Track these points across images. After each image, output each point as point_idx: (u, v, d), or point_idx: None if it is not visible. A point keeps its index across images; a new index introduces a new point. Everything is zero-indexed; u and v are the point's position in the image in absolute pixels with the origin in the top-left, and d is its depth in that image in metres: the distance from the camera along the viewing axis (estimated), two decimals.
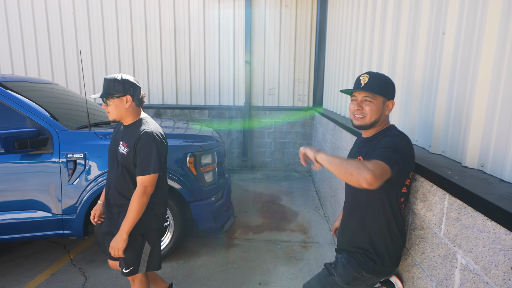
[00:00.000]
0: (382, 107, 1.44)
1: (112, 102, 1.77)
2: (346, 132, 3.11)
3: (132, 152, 1.76)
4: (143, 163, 1.73)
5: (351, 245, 1.54)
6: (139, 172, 1.74)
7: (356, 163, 1.17)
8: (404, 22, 2.13)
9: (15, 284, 2.65)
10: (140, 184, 1.72)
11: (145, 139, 1.74)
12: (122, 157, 1.79)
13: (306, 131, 6.23)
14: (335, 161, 1.23)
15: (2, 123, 2.64)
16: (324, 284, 1.55)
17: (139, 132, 1.77)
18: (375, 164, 1.17)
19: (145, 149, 1.73)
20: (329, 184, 3.93)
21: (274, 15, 6.00)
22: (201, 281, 2.72)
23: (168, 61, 6.22)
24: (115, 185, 1.85)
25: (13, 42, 6.36)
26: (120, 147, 1.82)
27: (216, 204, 3.07)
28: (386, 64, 2.44)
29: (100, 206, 2.02)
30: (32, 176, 2.64)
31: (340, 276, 1.49)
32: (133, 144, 1.75)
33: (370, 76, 1.44)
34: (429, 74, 1.79)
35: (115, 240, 1.74)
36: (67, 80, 6.44)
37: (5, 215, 2.64)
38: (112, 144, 1.91)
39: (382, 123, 1.49)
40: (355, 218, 1.54)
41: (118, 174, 1.83)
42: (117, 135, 1.91)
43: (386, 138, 1.36)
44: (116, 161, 1.85)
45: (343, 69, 4.08)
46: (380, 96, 1.42)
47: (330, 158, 1.25)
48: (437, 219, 1.36)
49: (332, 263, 1.57)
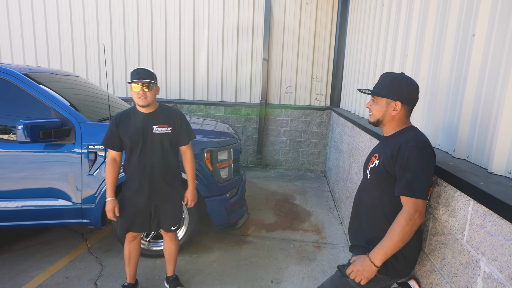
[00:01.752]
0: (386, 108, 1.48)
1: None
2: (364, 133, 3.06)
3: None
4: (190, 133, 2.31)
5: (365, 243, 1.53)
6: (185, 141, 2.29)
7: (402, 223, 1.30)
8: (431, 22, 2.08)
9: (36, 269, 2.74)
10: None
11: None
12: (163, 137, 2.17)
13: (322, 130, 6.18)
14: (392, 243, 1.32)
15: (27, 112, 2.73)
16: (337, 286, 1.54)
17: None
18: (411, 207, 1.30)
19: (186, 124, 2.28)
20: (345, 185, 3.89)
21: (294, 12, 5.96)
22: (214, 276, 2.75)
23: (186, 56, 6.28)
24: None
25: (38, 34, 6.56)
26: (159, 129, 2.13)
27: (231, 201, 3.09)
28: (409, 65, 2.39)
29: (116, 201, 2.19)
30: (54, 165, 2.72)
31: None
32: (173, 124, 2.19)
33: (380, 77, 1.52)
34: (456, 77, 1.74)
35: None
36: (88, 72, 6.59)
37: (28, 202, 2.74)
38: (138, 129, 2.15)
39: (395, 122, 1.50)
40: (369, 217, 1.53)
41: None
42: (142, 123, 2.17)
43: (407, 153, 1.34)
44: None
45: (363, 69, 4.02)
46: (382, 97, 1.47)
47: (386, 250, 1.33)
48: (460, 225, 1.33)
49: (345, 265, 1.57)
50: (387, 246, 1.33)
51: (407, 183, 1.32)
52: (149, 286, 2.58)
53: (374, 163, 1.51)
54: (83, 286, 2.55)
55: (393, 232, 1.32)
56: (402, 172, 1.34)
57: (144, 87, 2.00)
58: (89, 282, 2.60)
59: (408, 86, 1.45)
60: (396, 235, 1.31)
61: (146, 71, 2.03)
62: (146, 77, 2.00)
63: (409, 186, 1.31)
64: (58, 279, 2.62)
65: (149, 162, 2.12)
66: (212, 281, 2.68)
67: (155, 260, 2.92)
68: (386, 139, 1.55)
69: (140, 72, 2.01)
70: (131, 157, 2.13)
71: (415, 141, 1.36)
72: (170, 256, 2.47)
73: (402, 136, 1.43)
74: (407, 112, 1.49)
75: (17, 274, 2.66)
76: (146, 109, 2.11)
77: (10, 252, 2.99)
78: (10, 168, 2.68)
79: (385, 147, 1.48)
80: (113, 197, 2.17)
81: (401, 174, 1.35)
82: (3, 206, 2.69)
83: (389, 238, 1.32)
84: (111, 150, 2.17)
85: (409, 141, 1.36)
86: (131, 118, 2.12)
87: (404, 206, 1.34)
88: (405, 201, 1.34)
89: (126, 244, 2.34)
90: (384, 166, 1.44)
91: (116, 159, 2.21)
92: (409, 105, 1.48)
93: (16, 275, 2.64)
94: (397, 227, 1.31)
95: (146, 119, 2.11)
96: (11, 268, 2.74)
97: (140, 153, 2.10)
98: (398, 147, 1.38)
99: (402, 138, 1.41)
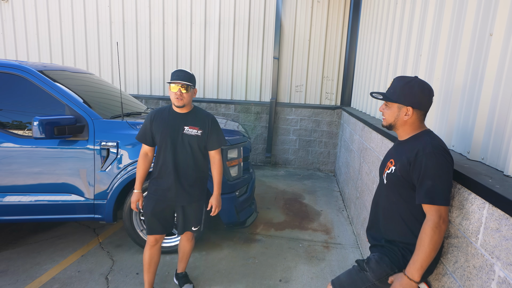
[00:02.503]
0: (397, 113, 1.47)
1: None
2: (375, 133, 3.03)
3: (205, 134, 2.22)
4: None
5: (384, 242, 1.54)
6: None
7: (429, 233, 1.28)
8: (447, 20, 2.03)
9: (49, 262, 2.81)
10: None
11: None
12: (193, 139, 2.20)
13: (333, 130, 6.13)
14: (425, 255, 1.29)
15: (42, 109, 2.79)
16: (355, 280, 1.54)
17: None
18: (434, 214, 1.29)
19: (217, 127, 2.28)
20: (355, 185, 3.86)
21: (306, 10, 5.92)
22: (223, 273, 2.77)
23: (197, 54, 6.31)
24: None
25: (52, 32, 6.68)
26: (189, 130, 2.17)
27: (240, 199, 3.10)
28: (423, 65, 2.35)
29: (141, 195, 2.26)
30: (67, 161, 2.77)
31: (373, 271, 1.49)
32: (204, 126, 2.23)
33: (393, 81, 1.50)
34: (472, 77, 1.70)
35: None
36: (101, 70, 6.69)
37: (42, 196, 2.80)
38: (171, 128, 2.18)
39: (408, 127, 1.48)
40: (386, 222, 1.53)
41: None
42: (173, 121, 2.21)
43: (425, 160, 1.32)
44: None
45: (375, 69, 3.97)
46: (393, 102, 1.46)
47: (421, 263, 1.30)
48: (474, 228, 1.30)
49: (364, 259, 1.58)
50: (421, 259, 1.31)
51: (428, 191, 1.30)
52: (159, 281, 2.61)
53: (390, 169, 1.50)
54: (95, 280, 2.60)
55: (423, 244, 1.30)
56: (422, 180, 1.33)
57: (183, 88, 2.05)
58: (100, 276, 2.65)
59: (421, 91, 1.42)
60: (427, 245, 1.29)
61: (186, 73, 2.08)
62: (185, 79, 2.05)
63: (430, 194, 1.30)
64: (71, 272, 2.68)
65: (177, 162, 2.17)
66: (221, 278, 2.70)
67: (164, 256, 2.96)
68: (400, 144, 1.53)
69: (180, 73, 2.06)
70: (160, 155, 2.17)
71: (432, 148, 1.33)
72: (184, 254, 2.49)
73: (417, 142, 1.41)
74: (420, 117, 1.46)
75: (31, 267, 2.72)
76: (181, 109, 2.16)
77: (24, 245, 3.07)
78: (25, 163, 2.74)
79: (401, 153, 1.46)
80: (140, 190, 2.25)
81: (421, 183, 1.33)
82: (17, 200, 2.76)
83: (421, 250, 1.30)
84: (144, 144, 2.23)
85: (425, 148, 1.34)
86: (165, 116, 2.17)
87: (428, 214, 1.32)
88: (428, 209, 1.32)
89: (147, 249, 2.28)
90: (400, 173, 1.42)
91: (148, 154, 2.26)
92: (422, 110, 1.45)
93: (30, 268, 2.71)
94: (425, 238, 1.29)
95: (179, 119, 2.16)
96: (25, 261, 2.81)
97: (168, 151, 2.14)
98: (415, 154, 1.36)
99: (418, 144, 1.38)
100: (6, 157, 2.71)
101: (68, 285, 2.52)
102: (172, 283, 2.60)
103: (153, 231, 2.23)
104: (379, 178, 1.64)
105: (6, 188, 2.75)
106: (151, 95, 6.60)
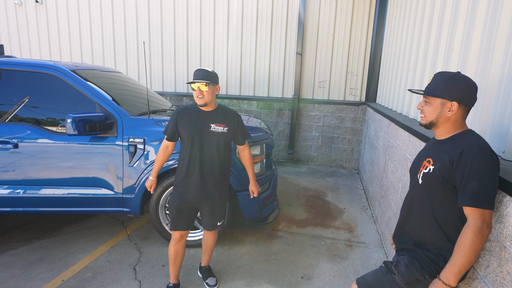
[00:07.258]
0: (440, 109, 1.38)
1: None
2: (402, 131, 2.94)
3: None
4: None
5: (412, 245, 1.49)
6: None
7: (471, 237, 1.21)
8: (481, 11, 1.93)
9: (82, 252, 2.96)
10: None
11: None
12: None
13: (357, 126, 6.01)
14: (464, 260, 1.23)
15: (73, 107, 2.93)
16: (382, 281, 1.51)
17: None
18: (478, 218, 1.22)
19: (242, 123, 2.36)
20: (379, 183, 3.77)
21: (330, 4, 5.81)
22: (245, 268, 2.81)
23: (220, 51, 6.36)
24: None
25: (83, 32, 6.96)
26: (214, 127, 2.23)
27: (263, 195, 3.12)
28: (455, 59, 2.24)
29: (155, 182, 2.42)
30: (98, 156, 2.90)
31: (402, 275, 1.45)
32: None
33: (434, 77, 1.43)
34: (509, 71, 1.61)
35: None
36: (127, 68, 6.90)
37: (74, 190, 2.95)
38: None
39: (450, 124, 1.40)
40: (418, 223, 1.48)
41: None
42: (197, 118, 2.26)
43: (471, 160, 1.25)
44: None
45: (402, 63, 3.84)
46: (436, 97, 1.38)
47: (459, 268, 1.24)
48: (509, 232, 1.24)
49: (393, 262, 1.54)
50: (459, 263, 1.24)
51: (473, 193, 1.22)
52: (183, 274, 2.69)
53: (428, 169, 1.42)
54: (124, 270, 2.71)
55: (463, 248, 1.23)
56: (466, 181, 1.25)
57: (201, 85, 2.10)
58: (128, 267, 2.76)
59: (466, 85, 1.34)
60: (467, 250, 1.22)
61: (203, 72, 2.12)
62: (203, 78, 2.10)
63: (475, 197, 1.22)
64: (102, 262, 2.81)
65: (202, 158, 2.22)
66: (243, 273, 2.73)
67: (189, 250, 3.03)
68: (439, 143, 1.44)
69: (198, 73, 2.12)
70: (186, 151, 2.22)
71: (479, 148, 1.25)
72: (207, 247, 2.56)
73: (461, 141, 1.33)
74: (463, 114, 1.38)
75: (66, 256, 2.89)
76: (205, 108, 2.21)
77: (59, 235, 3.25)
78: (58, 158, 2.89)
79: (441, 152, 1.38)
80: (155, 178, 2.39)
81: (465, 184, 1.25)
82: (52, 193, 2.92)
83: (460, 254, 1.24)
84: (165, 139, 2.32)
85: (471, 148, 1.26)
86: (191, 114, 2.22)
87: (470, 217, 1.25)
88: (471, 212, 1.24)
89: (172, 245, 2.34)
90: (440, 173, 1.35)
91: (169, 147, 2.35)
92: (467, 105, 1.36)
93: (65, 257, 2.87)
94: (466, 242, 1.23)
95: (205, 117, 2.21)
96: (60, 249, 2.98)
97: (196, 149, 2.19)
98: (459, 153, 1.28)
99: (463, 144, 1.30)
100: (41, 152, 2.87)
101: (99, 274, 2.64)
102: (196, 276, 2.67)
103: (177, 227, 2.29)
104: (411, 179, 1.57)
105: (42, 181, 2.92)
106: (176, 92, 6.74)
